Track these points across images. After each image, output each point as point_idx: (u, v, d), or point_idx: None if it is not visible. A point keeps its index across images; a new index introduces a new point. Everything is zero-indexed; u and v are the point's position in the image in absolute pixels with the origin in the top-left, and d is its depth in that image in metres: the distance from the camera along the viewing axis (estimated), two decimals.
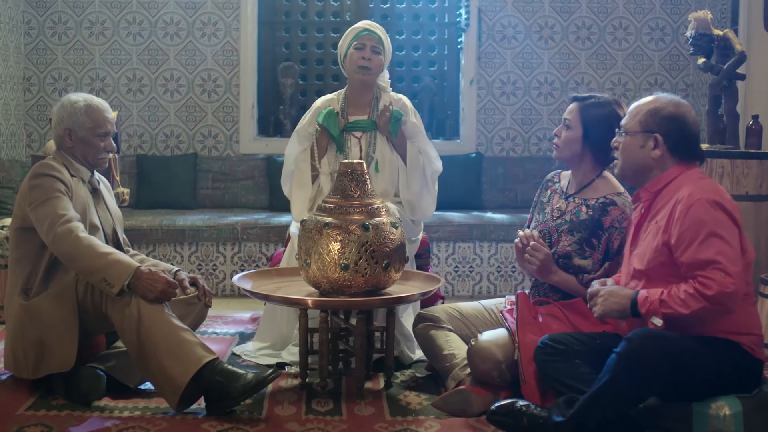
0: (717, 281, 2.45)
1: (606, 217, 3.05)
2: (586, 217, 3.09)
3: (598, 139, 3.05)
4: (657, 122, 2.68)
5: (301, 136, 3.87)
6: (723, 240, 2.50)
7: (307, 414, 2.98)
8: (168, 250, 5.29)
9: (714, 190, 2.62)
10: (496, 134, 6.28)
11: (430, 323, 3.28)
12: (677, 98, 2.75)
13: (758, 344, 2.61)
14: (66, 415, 2.93)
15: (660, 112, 2.69)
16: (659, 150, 2.68)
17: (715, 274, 2.46)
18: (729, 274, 2.46)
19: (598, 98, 3.13)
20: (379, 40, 3.79)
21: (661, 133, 2.67)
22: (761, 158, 4.22)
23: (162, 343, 2.89)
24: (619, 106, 3.11)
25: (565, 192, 3.22)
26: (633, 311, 2.59)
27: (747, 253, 2.60)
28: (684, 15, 6.08)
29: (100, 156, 3.24)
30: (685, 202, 2.56)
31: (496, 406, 2.78)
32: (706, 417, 2.54)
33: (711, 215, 2.53)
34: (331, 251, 3.00)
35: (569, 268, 3.09)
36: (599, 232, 3.06)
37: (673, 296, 2.51)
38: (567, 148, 3.13)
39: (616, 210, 3.04)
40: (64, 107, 3.23)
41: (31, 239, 3.10)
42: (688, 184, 2.62)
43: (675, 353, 2.46)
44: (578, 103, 3.13)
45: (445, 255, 5.39)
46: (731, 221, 2.55)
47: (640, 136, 2.71)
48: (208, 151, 6.19)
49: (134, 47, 6.13)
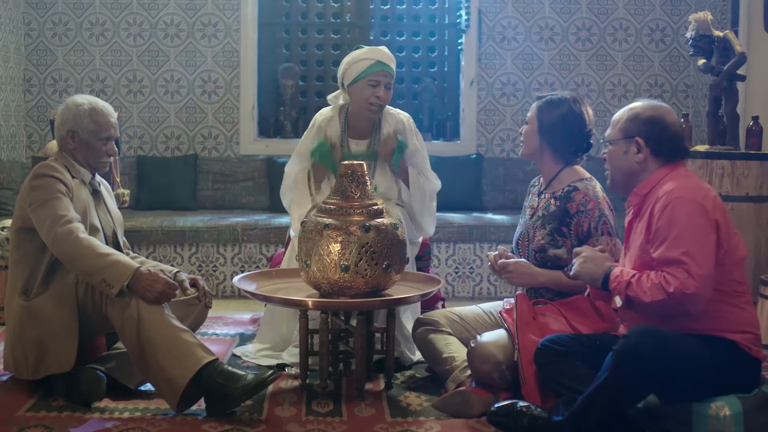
0: (679, 280, 2.47)
1: (571, 204, 3.11)
2: (554, 209, 3.15)
3: (553, 133, 3.16)
4: (637, 127, 2.72)
5: (301, 156, 3.83)
6: (693, 240, 2.51)
7: (308, 415, 2.98)
8: (168, 251, 5.29)
9: (696, 188, 2.63)
10: (497, 135, 6.28)
11: (429, 327, 3.28)
12: (656, 102, 2.79)
13: (755, 342, 2.61)
14: (66, 416, 2.93)
15: (639, 117, 2.73)
16: (642, 153, 2.71)
17: (678, 272, 2.48)
18: (692, 275, 2.47)
19: (554, 95, 3.22)
20: (392, 74, 3.69)
21: (641, 136, 2.71)
22: (761, 159, 4.22)
23: (162, 344, 2.89)
24: (576, 102, 3.19)
25: (539, 190, 3.28)
26: (603, 283, 2.65)
27: (735, 252, 2.61)
28: (684, 16, 6.09)
29: (101, 159, 3.25)
30: (664, 200, 2.58)
31: (497, 407, 2.79)
32: (705, 417, 2.54)
33: (685, 214, 2.54)
34: (331, 252, 3.00)
35: (546, 261, 3.14)
36: (567, 220, 3.12)
37: (641, 282, 2.55)
38: (527, 144, 3.25)
39: (579, 194, 3.11)
40: (68, 109, 3.22)
41: (32, 240, 3.10)
42: (670, 183, 2.64)
43: (672, 350, 2.47)
44: (537, 101, 3.24)
45: (446, 256, 5.39)
46: (708, 222, 2.55)
47: (622, 143, 2.74)
48: (209, 152, 6.19)
49: (134, 48, 6.13)
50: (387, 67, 3.67)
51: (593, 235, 3.07)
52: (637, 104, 2.78)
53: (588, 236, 3.08)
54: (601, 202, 3.11)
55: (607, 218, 3.10)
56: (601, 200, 3.11)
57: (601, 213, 3.09)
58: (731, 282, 2.60)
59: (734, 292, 2.61)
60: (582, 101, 3.22)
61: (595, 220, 3.07)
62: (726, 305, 2.59)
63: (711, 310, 2.57)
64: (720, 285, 2.57)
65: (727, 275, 2.59)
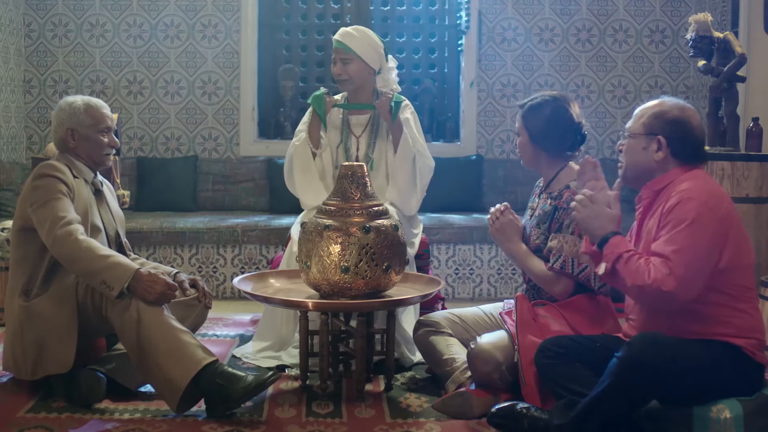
0: (660, 275, 2.45)
1: (559, 201, 3.12)
2: (549, 209, 3.15)
3: (544, 138, 3.15)
4: (661, 125, 2.67)
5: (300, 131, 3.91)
6: (689, 241, 2.48)
7: (308, 416, 2.98)
8: (168, 253, 5.29)
9: (710, 191, 2.60)
10: (497, 136, 6.28)
11: (430, 329, 3.28)
12: (683, 102, 2.73)
13: (759, 348, 2.60)
14: (66, 418, 2.93)
15: (664, 116, 2.68)
16: (662, 152, 2.67)
17: (662, 268, 2.46)
18: (673, 274, 2.45)
19: (535, 99, 3.20)
20: (346, 48, 3.77)
21: (664, 135, 2.66)
22: (761, 160, 4.22)
23: (161, 345, 2.89)
24: (557, 100, 3.16)
25: (540, 191, 3.30)
26: (600, 243, 2.62)
27: (744, 256, 2.59)
28: (684, 17, 6.09)
29: (104, 152, 3.26)
30: (677, 198, 2.56)
31: (497, 408, 2.78)
32: (706, 420, 2.53)
33: (692, 215, 2.51)
34: (331, 253, 3.00)
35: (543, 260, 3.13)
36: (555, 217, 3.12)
37: (630, 261, 2.52)
38: (523, 154, 3.24)
39: (568, 192, 3.11)
40: (62, 109, 3.24)
41: (33, 240, 3.10)
42: (687, 182, 2.61)
43: (676, 358, 2.45)
44: (520, 110, 3.23)
45: (446, 257, 5.38)
46: (712, 227, 2.52)
47: (643, 139, 2.69)
48: (209, 153, 6.19)
49: (134, 49, 6.13)
50: (338, 42, 3.81)
51: (562, 231, 3.06)
52: (666, 102, 2.72)
53: (558, 230, 3.08)
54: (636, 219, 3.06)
55: None
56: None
57: None
58: (739, 287, 2.58)
59: (743, 297, 2.58)
60: (564, 97, 3.20)
61: (570, 218, 3.04)
62: (732, 310, 2.56)
63: (717, 314, 2.55)
64: (728, 289, 2.55)
65: (736, 279, 2.57)
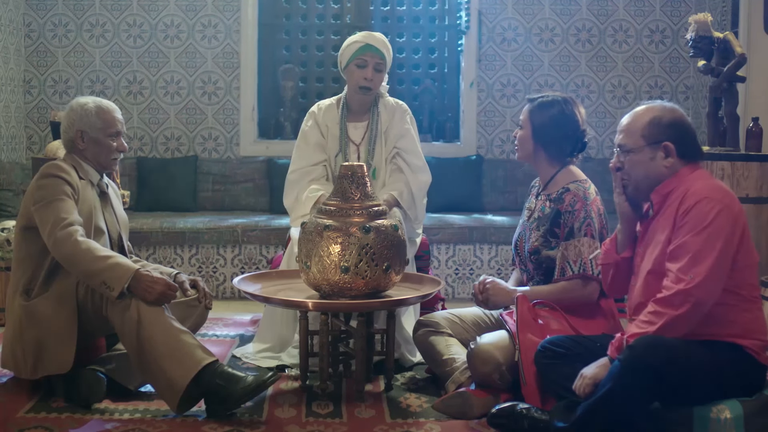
0: (679, 296, 2.46)
1: (561, 205, 3.11)
2: (549, 211, 3.15)
3: (547, 136, 3.15)
4: (661, 131, 2.64)
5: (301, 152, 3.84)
6: (711, 243, 2.48)
7: (308, 416, 2.98)
8: (168, 253, 5.29)
9: (724, 190, 2.60)
10: (497, 136, 6.28)
11: (430, 329, 3.28)
12: (665, 103, 2.72)
13: (762, 348, 2.59)
14: (66, 418, 2.93)
15: (661, 121, 2.65)
16: (671, 158, 2.64)
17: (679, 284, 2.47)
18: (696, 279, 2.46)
19: (546, 97, 3.20)
20: (382, 56, 3.72)
21: (670, 140, 2.64)
22: (761, 160, 4.22)
23: (162, 345, 2.89)
24: (568, 103, 3.17)
25: (537, 192, 3.29)
26: None
27: (750, 255, 2.59)
28: (684, 17, 6.08)
29: (112, 156, 3.26)
30: (694, 198, 2.54)
31: (497, 409, 2.78)
32: (706, 420, 2.53)
33: (713, 215, 2.51)
34: (331, 254, 3.00)
35: (541, 262, 3.14)
36: (559, 221, 3.11)
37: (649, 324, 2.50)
38: (521, 148, 3.24)
39: (569, 195, 3.10)
40: (74, 110, 3.23)
41: (36, 239, 3.10)
42: (699, 182, 2.61)
43: (679, 360, 2.44)
44: (529, 104, 3.22)
45: (446, 257, 5.38)
46: (734, 225, 2.53)
47: (647, 150, 2.65)
48: (209, 153, 6.19)
49: (134, 49, 6.13)
50: (375, 49, 3.70)
51: (576, 236, 3.06)
52: (651, 107, 2.69)
53: (571, 236, 3.07)
54: (590, 204, 3.08)
55: (593, 220, 3.07)
56: (590, 202, 3.08)
57: (587, 215, 3.06)
58: (747, 285, 2.57)
59: (750, 297, 2.58)
60: (574, 101, 3.20)
61: (580, 221, 3.05)
62: (738, 309, 2.56)
63: (725, 315, 2.55)
64: (736, 288, 2.55)
65: (746, 278, 2.57)
